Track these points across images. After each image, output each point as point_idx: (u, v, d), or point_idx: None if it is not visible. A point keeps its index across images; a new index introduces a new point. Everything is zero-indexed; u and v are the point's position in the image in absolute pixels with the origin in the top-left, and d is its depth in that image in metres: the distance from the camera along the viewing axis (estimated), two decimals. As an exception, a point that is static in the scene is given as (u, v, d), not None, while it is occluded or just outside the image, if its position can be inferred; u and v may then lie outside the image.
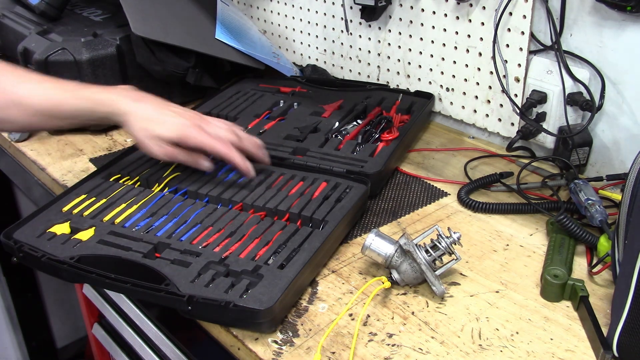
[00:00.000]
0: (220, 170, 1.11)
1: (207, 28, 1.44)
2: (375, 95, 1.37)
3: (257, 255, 0.89)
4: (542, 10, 1.11)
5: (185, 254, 0.90)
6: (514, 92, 1.18)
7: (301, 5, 1.58)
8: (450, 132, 1.35)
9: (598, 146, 1.13)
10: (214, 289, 0.82)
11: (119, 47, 1.31)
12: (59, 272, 0.89)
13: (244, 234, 0.94)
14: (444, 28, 1.27)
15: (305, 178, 1.08)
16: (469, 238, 0.98)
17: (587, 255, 0.93)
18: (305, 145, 1.18)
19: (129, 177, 1.11)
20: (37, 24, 1.41)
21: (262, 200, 1.01)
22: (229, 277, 0.85)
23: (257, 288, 0.82)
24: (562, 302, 0.85)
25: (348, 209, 0.98)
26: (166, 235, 0.94)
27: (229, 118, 1.30)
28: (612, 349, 0.73)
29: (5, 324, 1.96)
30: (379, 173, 1.07)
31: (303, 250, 0.89)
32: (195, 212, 0.99)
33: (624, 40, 1.03)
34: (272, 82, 1.47)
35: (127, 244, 0.92)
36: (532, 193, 1.09)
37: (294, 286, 0.83)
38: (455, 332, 0.80)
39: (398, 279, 0.86)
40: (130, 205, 1.02)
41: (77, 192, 1.06)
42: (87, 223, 0.98)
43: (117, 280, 0.84)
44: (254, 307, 0.78)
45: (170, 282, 0.83)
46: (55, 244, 0.93)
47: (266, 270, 0.85)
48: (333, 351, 0.78)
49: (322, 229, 0.95)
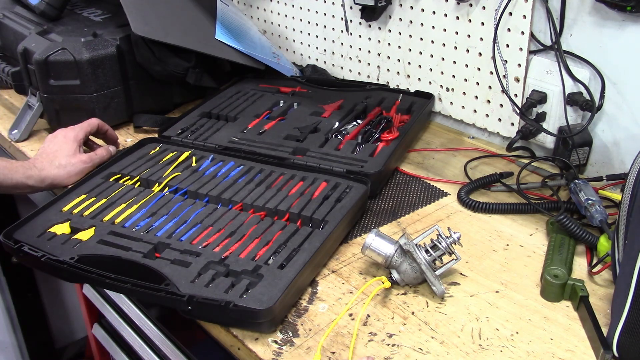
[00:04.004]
0: (220, 171, 1.11)
1: (207, 28, 1.44)
2: (375, 95, 1.37)
3: (257, 255, 0.89)
4: (542, 10, 1.11)
5: (185, 254, 0.90)
6: (514, 92, 1.18)
7: (301, 5, 1.57)
8: (450, 132, 1.35)
9: (598, 146, 1.13)
10: (214, 289, 0.82)
11: (119, 47, 1.31)
12: (59, 272, 0.89)
13: (244, 234, 0.94)
14: (444, 28, 1.27)
15: (305, 178, 1.08)
16: (469, 238, 0.98)
17: (587, 255, 0.93)
18: (305, 145, 1.18)
19: (129, 177, 1.11)
20: (37, 24, 1.41)
21: (262, 200, 1.01)
22: (229, 277, 0.85)
23: (257, 288, 0.82)
24: (562, 302, 0.85)
25: (348, 209, 0.98)
26: (166, 235, 0.94)
27: (229, 118, 1.31)
28: (612, 349, 0.73)
29: (5, 324, 1.95)
30: (379, 173, 1.07)
31: (303, 250, 0.89)
32: (195, 212, 1.00)
33: (624, 40, 1.03)
34: (272, 82, 1.47)
35: (127, 244, 0.92)
36: (532, 193, 1.09)
37: (294, 286, 0.83)
38: (455, 332, 0.80)
39: (398, 279, 0.86)
40: (130, 205, 1.02)
41: (77, 192, 1.06)
42: (87, 223, 0.98)
43: (117, 280, 0.84)
44: (254, 307, 0.78)
45: (170, 282, 0.83)
46: (55, 244, 0.93)
47: (266, 270, 0.85)
48: (333, 351, 0.78)
49: (322, 229, 0.95)
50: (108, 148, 1.21)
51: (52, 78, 1.27)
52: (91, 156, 1.17)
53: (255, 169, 1.11)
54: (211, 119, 1.32)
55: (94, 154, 1.18)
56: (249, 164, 1.13)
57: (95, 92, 1.30)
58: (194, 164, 1.14)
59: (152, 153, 1.19)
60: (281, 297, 0.79)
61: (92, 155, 1.17)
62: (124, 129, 1.38)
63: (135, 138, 1.33)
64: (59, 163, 1.12)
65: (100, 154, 1.19)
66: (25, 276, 1.96)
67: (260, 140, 1.21)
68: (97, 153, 1.18)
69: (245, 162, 1.14)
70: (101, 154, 1.19)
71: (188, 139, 1.22)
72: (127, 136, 1.35)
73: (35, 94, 1.32)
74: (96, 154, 1.18)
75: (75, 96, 1.29)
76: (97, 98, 1.30)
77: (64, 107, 1.30)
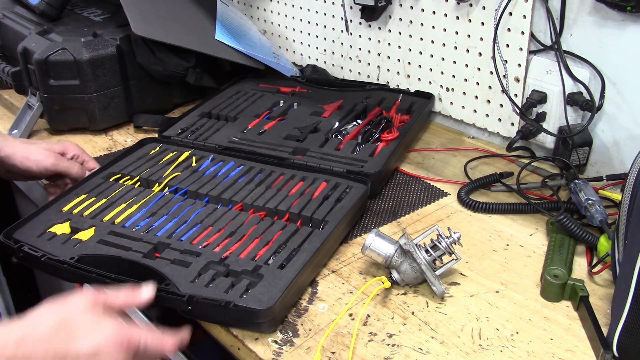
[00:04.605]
0: (220, 171, 1.11)
1: (207, 28, 1.44)
2: (375, 95, 1.37)
3: (257, 255, 0.89)
4: (542, 10, 1.11)
5: (185, 254, 0.90)
6: (514, 92, 1.18)
7: (301, 5, 1.57)
8: (450, 132, 1.35)
9: (598, 146, 1.13)
10: (214, 289, 0.82)
11: (119, 47, 1.31)
12: (59, 272, 0.89)
13: (244, 234, 0.94)
14: (444, 28, 1.27)
15: (305, 178, 1.08)
16: (469, 238, 0.98)
17: (587, 255, 0.93)
18: (305, 145, 1.18)
19: (129, 177, 1.11)
20: (37, 24, 1.41)
21: (262, 200, 1.01)
22: (229, 277, 0.85)
23: (257, 288, 0.82)
24: (562, 302, 0.85)
25: (348, 209, 0.98)
26: (166, 235, 0.94)
27: (229, 118, 1.31)
28: (612, 349, 0.73)
29: (5, 324, 1.95)
30: (379, 173, 1.07)
31: (303, 250, 0.89)
32: (195, 212, 0.99)
33: (624, 40, 1.03)
34: (272, 82, 1.47)
35: (127, 244, 0.92)
36: (532, 193, 1.09)
37: (294, 286, 0.83)
38: (455, 332, 0.80)
39: (398, 279, 0.86)
40: (130, 205, 1.02)
41: (77, 192, 1.06)
42: (87, 223, 0.98)
43: (118, 280, 0.83)
44: (254, 307, 0.78)
45: (170, 282, 0.83)
46: (56, 244, 0.93)
47: (266, 270, 0.85)
48: (333, 351, 0.78)
49: (322, 229, 0.95)
50: (83, 168, 1.11)
51: (52, 78, 1.27)
52: (60, 158, 1.08)
53: (255, 169, 1.11)
54: (211, 119, 1.32)
55: (66, 159, 1.09)
56: (249, 164, 1.13)
57: (95, 92, 1.30)
58: (194, 164, 1.14)
59: (152, 153, 1.18)
60: (281, 297, 0.79)
61: (62, 158, 1.09)
62: (124, 129, 1.38)
63: (135, 138, 1.33)
64: (27, 143, 1.08)
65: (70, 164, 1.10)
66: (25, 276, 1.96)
67: (260, 140, 1.21)
68: (69, 161, 1.10)
69: (245, 162, 1.14)
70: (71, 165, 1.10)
71: (188, 139, 1.22)
72: (127, 136, 1.35)
73: (35, 94, 1.32)
74: (68, 162, 1.09)
75: (75, 96, 1.29)
76: (97, 98, 1.31)
77: (64, 107, 1.30)
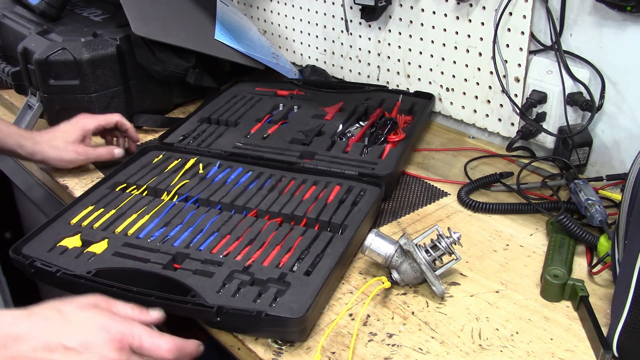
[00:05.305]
0: (229, 177, 1.09)
1: (207, 28, 1.44)
2: (375, 97, 1.36)
3: (281, 262, 0.87)
4: (542, 10, 1.11)
5: (206, 264, 0.87)
6: (514, 92, 1.18)
7: (301, 5, 1.57)
8: (450, 132, 1.35)
9: (598, 146, 1.13)
10: (241, 298, 0.80)
11: (119, 47, 1.31)
12: (75, 288, 0.85)
13: (264, 241, 0.92)
14: (444, 28, 1.27)
15: (317, 182, 1.06)
16: (469, 238, 0.98)
17: (587, 255, 0.93)
18: (312, 149, 1.16)
19: (135, 187, 1.08)
20: (37, 24, 1.41)
21: (277, 206, 0.99)
22: (255, 285, 0.83)
23: (285, 296, 0.80)
24: (562, 302, 0.85)
25: (366, 212, 0.97)
26: (184, 245, 0.92)
27: (230, 123, 1.29)
28: (612, 349, 0.73)
29: (5, 325, 1.95)
30: (391, 175, 1.07)
31: (327, 256, 0.88)
32: (210, 220, 0.97)
33: (624, 40, 1.03)
34: (268, 85, 1.45)
35: (145, 256, 0.89)
36: (532, 193, 1.09)
37: (323, 292, 0.81)
38: (455, 332, 0.80)
39: (398, 279, 0.86)
40: (142, 215, 0.99)
41: (84, 203, 1.03)
42: (98, 235, 0.95)
43: (140, 293, 0.80)
44: (287, 315, 0.76)
45: (196, 293, 0.81)
46: (69, 258, 0.89)
47: (292, 278, 0.84)
48: (333, 351, 0.78)
49: (342, 234, 0.93)
50: (112, 150, 1.19)
51: (52, 78, 1.27)
52: (88, 150, 1.16)
53: (265, 175, 1.09)
54: (211, 124, 1.29)
55: (93, 149, 1.17)
56: (258, 170, 1.11)
57: (95, 92, 1.30)
58: (201, 171, 1.12)
59: (155, 161, 1.16)
60: (313, 304, 0.77)
61: (89, 149, 1.16)
62: (124, 129, 1.38)
63: (135, 138, 1.33)
64: (55, 144, 1.12)
65: (99, 152, 1.18)
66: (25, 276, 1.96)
67: (265, 145, 1.19)
68: (96, 150, 1.18)
69: (253, 167, 1.12)
70: (99, 153, 1.18)
71: (192, 146, 1.20)
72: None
73: (35, 94, 1.32)
74: (95, 150, 1.17)
75: (75, 96, 1.29)
76: (97, 98, 1.30)
77: (64, 107, 1.30)
